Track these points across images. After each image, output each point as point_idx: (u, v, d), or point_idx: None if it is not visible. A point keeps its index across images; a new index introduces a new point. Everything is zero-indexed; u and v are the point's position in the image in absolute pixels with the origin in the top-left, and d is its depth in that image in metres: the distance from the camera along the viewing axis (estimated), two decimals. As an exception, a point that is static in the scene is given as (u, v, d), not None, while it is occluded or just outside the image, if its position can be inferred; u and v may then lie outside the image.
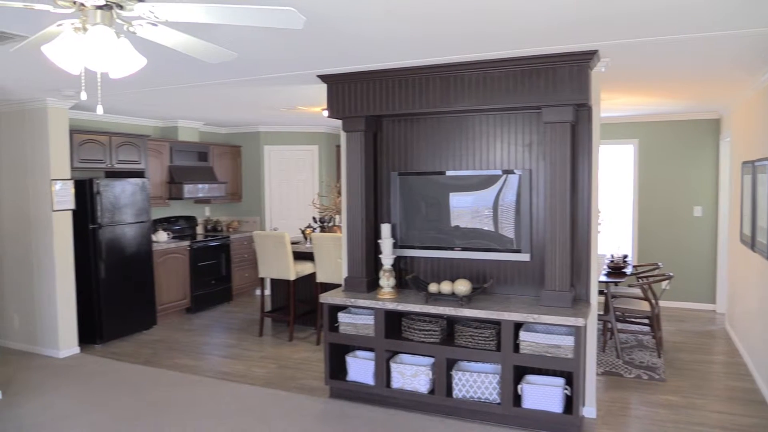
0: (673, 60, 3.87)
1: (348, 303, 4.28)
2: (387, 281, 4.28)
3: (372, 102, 4.23)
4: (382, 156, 4.63)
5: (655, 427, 3.87)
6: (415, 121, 4.49)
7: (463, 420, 3.98)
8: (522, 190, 4.13)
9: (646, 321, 5.64)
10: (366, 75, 4.17)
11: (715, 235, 7.04)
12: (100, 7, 2.01)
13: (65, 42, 2.05)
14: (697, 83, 4.85)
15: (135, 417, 4.08)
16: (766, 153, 4.33)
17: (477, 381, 3.90)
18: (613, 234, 7.52)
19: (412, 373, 4.09)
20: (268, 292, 7.15)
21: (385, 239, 4.33)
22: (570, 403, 3.73)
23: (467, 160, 4.36)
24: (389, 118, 4.54)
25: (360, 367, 4.30)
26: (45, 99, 5.24)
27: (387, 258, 4.32)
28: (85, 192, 5.74)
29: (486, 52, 3.61)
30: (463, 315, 3.92)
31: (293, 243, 6.31)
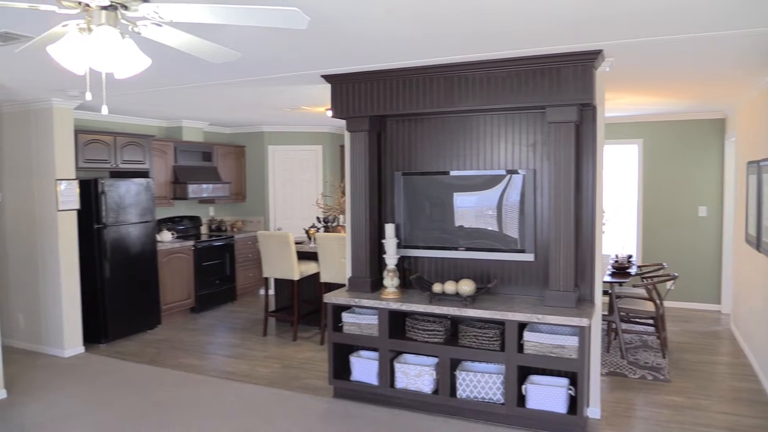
0: (676, 60, 3.86)
1: (352, 303, 4.28)
2: (391, 281, 4.27)
3: (376, 102, 4.23)
4: (386, 156, 4.63)
5: (660, 428, 3.85)
6: (419, 121, 4.49)
7: (467, 420, 3.97)
8: (526, 190, 4.12)
9: (650, 321, 5.62)
10: (370, 75, 4.17)
11: (720, 236, 7.02)
12: (104, 8, 2.02)
13: (70, 42, 2.06)
14: (702, 83, 4.83)
15: (139, 416, 4.10)
16: (771, 153, 4.31)
17: (481, 381, 3.90)
18: (618, 234, 7.49)
19: (416, 373, 4.09)
20: (272, 291, 7.16)
21: (389, 239, 4.32)
22: (574, 404, 3.72)
23: (471, 160, 4.36)
24: (393, 118, 4.54)
25: (364, 367, 4.30)
26: (50, 99, 5.26)
27: (391, 258, 4.31)
28: (90, 192, 5.76)
29: (488, 52, 3.61)
30: (467, 315, 3.91)
31: (297, 243, 6.31)
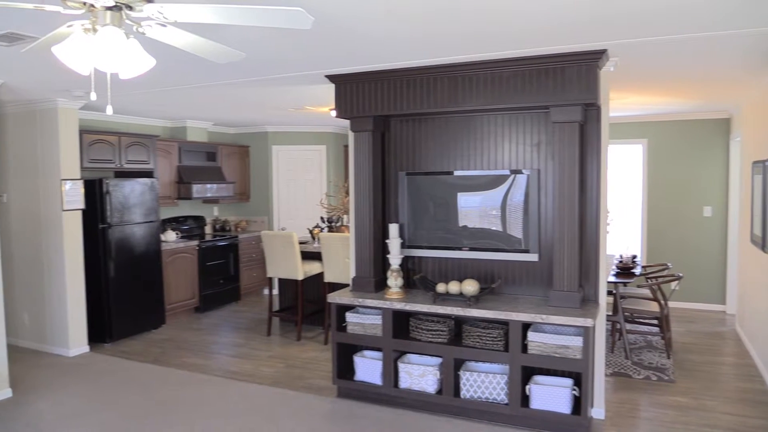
0: (679, 60, 3.84)
1: (356, 303, 4.28)
2: (395, 281, 4.27)
3: (380, 102, 4.23)
4: (390, 156, 4.63)
5: (665, 429, 3.84)
6: (423, 121, 4.49)
7: (471, 420, 3.97)
8: (530, 190, 4.11)
9: (655, 322, 5.60)
10: (374, 75, 4.17)
11: (725, 236, 6.99)
12: (109, 8, 2.03)
13: (75, 43, 2.07)
14: (704, 83, 4.82)
15: (144, 415, 4.11)
16: (777, 153, 4.29)
17: (485, 381, 3.89)
18: (622, 234, 7.47)
19: (419, 373, 4.09)
20: (276, 291, 7.17)
21: (393, 239, 4.33)
22: (578, 404, 3.71)
23: (475, 160, 4.35)
24: (397, 118, 4.54)
25: (368, 367, 4.30)
26: (55, 99, 5.28)
27: (395, 258, 4.31)
28: (95, 192, 5.78)
29: (490, 52, 3.60)
30: (471, 315, 3.91)
31: (301, 243, 6.32)
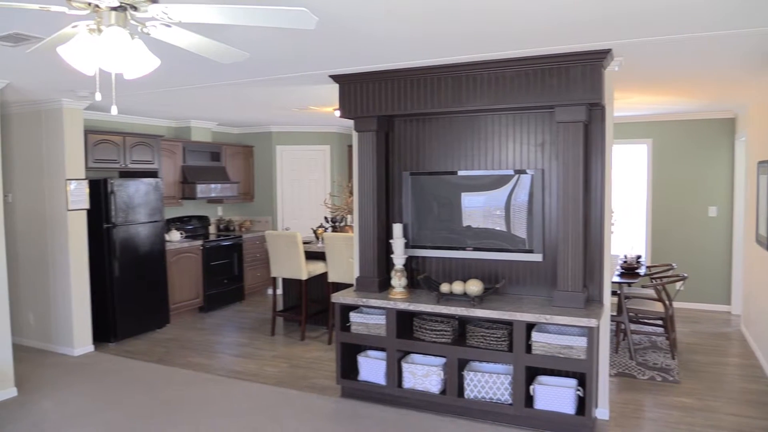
0: (680, 60, 3.83)
1: (360, 303, 4.28)
2: (399, 281, 4.27)
3: (384, 102, 4.23)
4: (393, 156, 4.63)
5: (669, 430, 3.83)
6: (427, 121, 4.49)
7: (475, 420, 3.96)
8: (534, 190, 4.11)
9: (659, 322, 5.58)
10: (378, 75, 4.17)
11: (731, 236, 6.96)
12: (114, 9, 2.03)
13: (80, 43, 2.07)
14: (708, 83, 4.79)
15: (148, 415, 4.12)
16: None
17: (489, 381, 3.89)
18: (627, 234, 7.45)
19: (423, 373, 4.09)
20: (280, 291, 7.17)
21: (397, 239, 4.32)
22: (582, 405, 3.70)
23: (479, 159, 4.35)
24: (401, 117, 4.54)
25: (371, 367, 4.30)
26: (60, 99, 5.30)
27: (399, 258, 4.31)
28: (100, 192, 5.80)
29: (491, 52, 3.59)
30: (475, 315, 3.90)
31: (305, 243, 6.32)
